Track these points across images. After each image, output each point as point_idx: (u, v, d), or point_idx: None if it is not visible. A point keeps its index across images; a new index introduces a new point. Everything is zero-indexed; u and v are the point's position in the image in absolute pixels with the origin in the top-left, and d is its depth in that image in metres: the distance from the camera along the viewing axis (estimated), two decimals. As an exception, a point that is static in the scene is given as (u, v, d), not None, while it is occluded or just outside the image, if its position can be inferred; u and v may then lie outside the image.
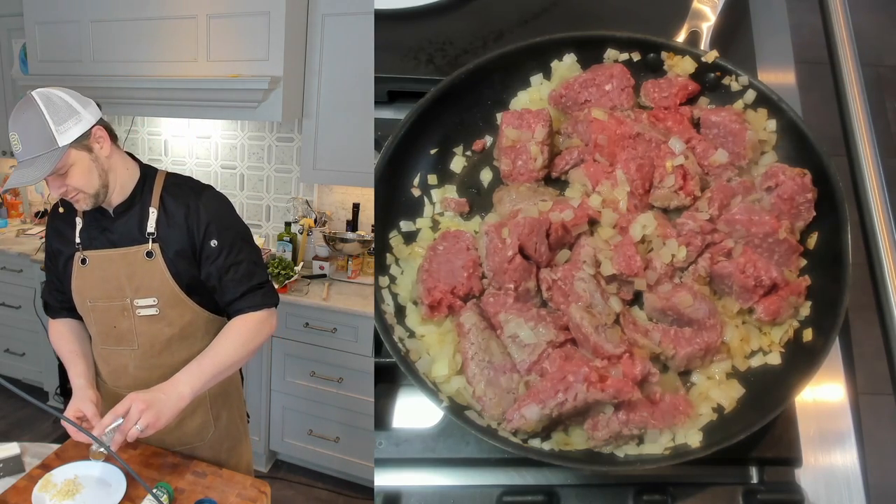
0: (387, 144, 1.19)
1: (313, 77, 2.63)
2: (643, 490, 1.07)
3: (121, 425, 1.20)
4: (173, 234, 1.35)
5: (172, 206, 1.36)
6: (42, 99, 1.24)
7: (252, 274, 1.39)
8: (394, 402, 1.18)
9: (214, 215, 1.37)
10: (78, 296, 1.41)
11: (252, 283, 1.38)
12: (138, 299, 1.37)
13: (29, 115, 1.23)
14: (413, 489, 1.10)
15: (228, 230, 1.38)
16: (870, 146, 1.28)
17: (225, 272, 1.36)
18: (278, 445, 2.77)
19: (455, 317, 1.12)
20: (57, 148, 1.23)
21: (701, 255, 1.11)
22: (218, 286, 1.38)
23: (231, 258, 1.36)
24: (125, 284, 1.37)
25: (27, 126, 1.22)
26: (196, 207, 1.35)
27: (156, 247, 1.35)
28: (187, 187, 1.40)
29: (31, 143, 1.22)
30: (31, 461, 1.36)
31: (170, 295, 1.37)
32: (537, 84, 1.29)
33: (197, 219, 1.35)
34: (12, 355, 3.28)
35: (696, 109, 1.24)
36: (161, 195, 1.37)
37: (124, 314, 1.38)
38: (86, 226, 1.39)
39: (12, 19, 3.09)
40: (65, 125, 1.24)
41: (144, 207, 1.36)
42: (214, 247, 1.35)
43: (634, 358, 1.02)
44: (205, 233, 1.35)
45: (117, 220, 1.37)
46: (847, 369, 1.17)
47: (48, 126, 1.23)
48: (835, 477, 1.10)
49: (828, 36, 1.42)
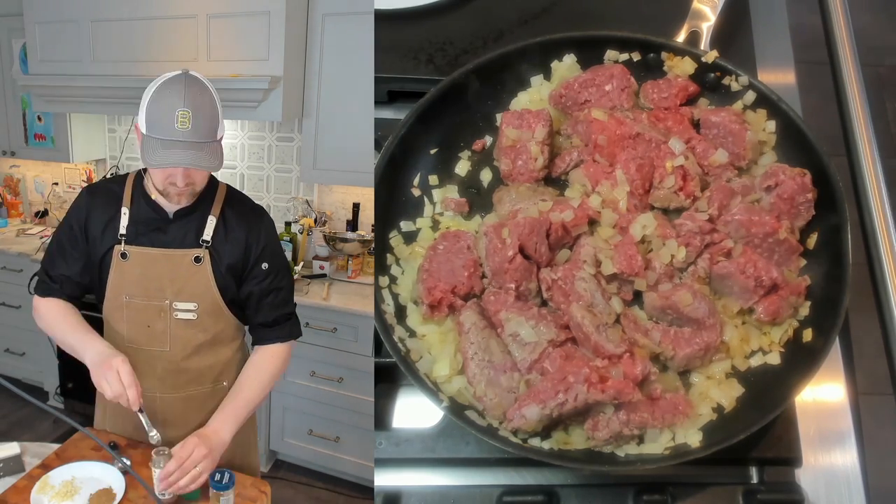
0: (387, 144, 1.19)
1: (313, 77, 2.63)
2: (643, 490, 1.07)
3: (184, 467, 1.21)
4: (228, 248, 1.37)
5: (233, 220, 1.38)
6: (210, 85, 1.23)
7: (287, 302, 1.46)
8: (394, 402, 1.17)
9: (271, 239, 1.42)
10: (113, 290, 1.38)
11: (285, 311, 1.45)
12: (178, 302, 1.36)
13: (206, 98, 1.21)
14: (413, 489, 1.10)
15: (278, 257, 1.44)
16: (870, 146, 1.28)
17: (265, 295, 1.41)
18: (278, 445, 2.77)
19: (456, 316, 1.12)
20: (216, 140, 1.22)
21: (700, 256, 1.11)
22: (255, 306, 1.42)
23: (275, 283, 1.42)
24: (167, 286, 1.36)
25: (202, 107, 1.19)
26: (259, 229, 1.40)
27: (206, 254, 1.36)
28: (249, 206, 1.44)
29: (201, 126, 1.19)
30: (31, 461, 1.36)
31: (210, 303, 1.38)
32: (537, 84, 1.29)
33: (257, 239, 1.39)
34: (12, 355, 3.28)
35: (695, 110, 1.24)
36: (223, 207, 1.38)
37: (161, 315, 1.37)
38: (134, 220, 1.36)
39: (12, 19, 3.09)
40: (222, 120, 1.25)
41: (204, 215, 1.37)
42: (265, 269, 1.40)
43: (635, 357, 1.02)
44: (260, 254, 1.39)
45: (175, 223, 1.36)
46: (847, 369, 1.16)
47: (218, 115, 1.23)
48: (835, 477, 1.10)
49: (828, 36, 1.42)
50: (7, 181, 3.77)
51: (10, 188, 3.76)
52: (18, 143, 3.42)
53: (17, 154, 3.45)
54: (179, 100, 1.17)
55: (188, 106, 1.17)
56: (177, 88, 1.18)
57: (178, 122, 1.16)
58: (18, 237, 3.34)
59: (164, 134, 1.18)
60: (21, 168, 3.74)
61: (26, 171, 3.76)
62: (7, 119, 3.41)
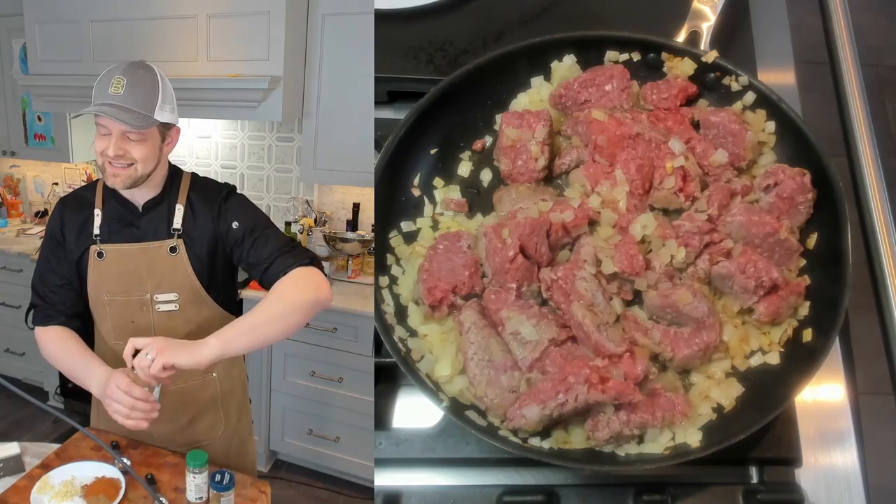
0: (387, 144, 1.19)
1: (313, 77, 2.63)
2: (643, 490, 1.07)
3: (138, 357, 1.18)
4: (199, 231, 1.38)
5: (199, 203, 1.39)
6: (160, 72, 1.31)
7: (283, 243, 1.36)
8: (394, 402, 1.18)
9: (236, 205, 1.41)
10: (94, 290, 1.39)
11: (284, 249, 1.35)
12: (159, 294, 1.37)
13: (146, 76, 1.28)
14: (413, 489, 1.10)
15: (251, 216, 1.41)
16: (870, 146, 1.28)
17: (252, 248, 1.36)
18: (278, 445, 2.77)
19: (456, 315, 1.12)
20: (151, 116, 1.26)
21: (699, 256, 1.11)
22: (250, 264, 1.38)
23: (255, 234, 1.37)
24: (145, 279, 1.37)
25: (140, 81, 1.26)
26: (221, 201, 1.39)
27: (180, 242, 1.37)
28: (212, 186, 1.44)
29: (135, 95, 1.25)
30: (31, 461, 1.36)
31: (190, 291, 1.38)
32: (537, 85, 1.28)
33: (222, 210, 1.39)
34: (12, 355, 3.28)
35: (695, 111, 1.24)
36: (188, 193, 1.39)
37: (143, 309, 1.38)
38: (107, 219, 1.38)
39: (12, 19, 3.09)
40: (164, 106, 1.29)
41: (172, 204, 1.38)
42: (236, 228, 1.38)
43: (635, 357, 1.02)
44: (228, 220, 1.38)
45: (144, 216, 1.38)
46: (847, 369, 1.16)
47: (157, 95, 1.28)
48: (835, 477, 1.10)
49: (828, 36, 1.42)
50: (7, 181, 3.77)
51: (10, 188, 3.76)
52: (18, 143, 3.42)
53: (17, 154, 3.45)
54: (118, 70, 1.26)
55: (124, 75, 1.25)
56: (119, 66, 1.27)
57: (112, 87, 1.24)
58: (18, 237, 3.34)
59: (99, 98, 1.26)
60: (21, 168, 3.74)
61: (26, 171, 3.76)
62: (7, 119, 3.41)
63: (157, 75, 1.30)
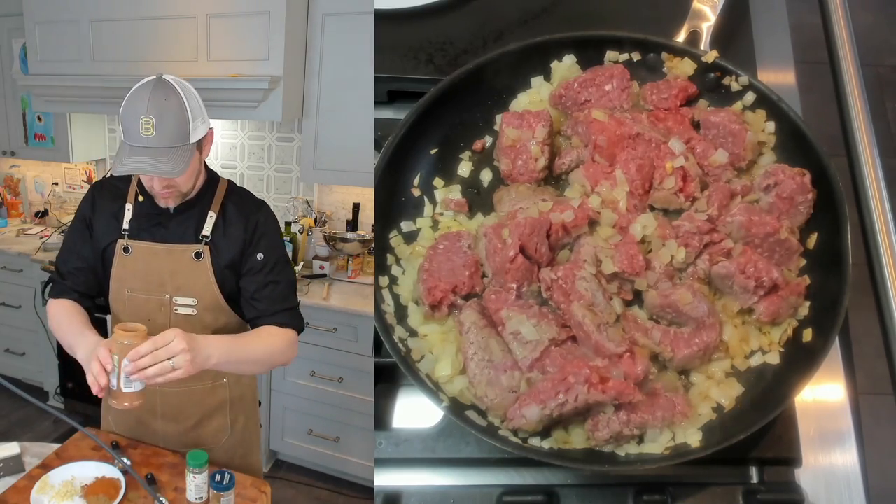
0: (387, 144, 1.19)
1: (313, 77, 2.63)
2: (643, 490, 1.07)
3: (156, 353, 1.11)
4: (227, 243, 1.37)
5: (233, 214, 1.38)
6: (182, 88, 1.22)
7: (287, 297, 1.41)
8: (394, 402, 1.17)
9: (268, 231, 1.40)
10: (116, 283, 1.40)
11: (286, 305, 1.40)
12: (178, 297, 1.37)
13: (172, 103, 1.20)
14: (413, 489, 1.10)
15: (276, 249, 1.41)
16: (870, 146, 1.27)
17: (263, 287, 1.37)
18: (278, 445, 2.77)
19: (456, 315, 1.12)
20: (188, 144, 1.22)
21: (699, 256, 1.11)
22: (252, 300, 1.38)
23: (272, 276, 1.38)
24: (167, 280, 1.37)
25: (167, 113, 1.19)
26: (255, 220, 1.38)
27: (206, 249, 1.36)
28: (248, 199, 1.43)
29: (167, 131, 1.19)
30: (31, 461, 1.36)
31: (210, 299, 1.38)
32: (537, 85, 1.28)
33: (254, 231, 1.37)
34: (12, 355, 3.28)
35: (695, 111, 1.24)
36: (223, 202, 1.38)
37: (162, 310, 1.38)
38: (137, 215, 1.38)
39: (12, 19, 3.09)
40: (196, 122, 1.24)
41: (204, 210, 1.37)
42: (260, 260, 1.37)
43: (636, 357, 1.02)
44: (256, 244, 1.37)
45: (175, 218, 1.37)
46: (847, 369, 1.16)
47: (188, 119, 1.22)
48: (835, 477, 1.10)
49: (828, 36, 1.42)
50: (7, 181, 3.77)
51: (10, 188, 3.76)
52: (18, 143, 3.42)
53: (17, 154, 3.45)
54: (143, 106, 1.19)
55: (151, 112, 1.18)
56: (143, 95, 1.20)
57: (143, 128, 1.19)
58: (18, 237, 3.34)
59: (132, 140, 1.21)
60: (21, 168, 3.74)
61: (26, 171, 3.76)
62: (7, 119, 3.41)
63: (180, 95, 1.22)
